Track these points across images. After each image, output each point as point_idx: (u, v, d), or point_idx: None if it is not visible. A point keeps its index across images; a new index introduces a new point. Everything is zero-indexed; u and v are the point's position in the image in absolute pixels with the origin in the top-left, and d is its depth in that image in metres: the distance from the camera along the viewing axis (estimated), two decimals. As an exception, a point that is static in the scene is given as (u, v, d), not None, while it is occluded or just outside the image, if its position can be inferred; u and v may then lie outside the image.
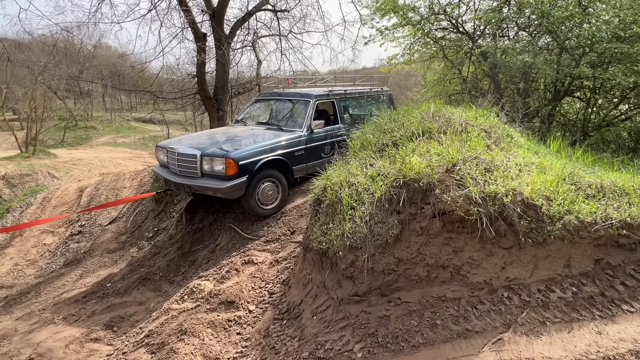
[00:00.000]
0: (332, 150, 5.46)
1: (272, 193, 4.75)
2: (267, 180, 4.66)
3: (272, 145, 4.75)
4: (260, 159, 4.50)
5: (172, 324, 3.01)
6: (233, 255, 4.07)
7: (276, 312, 2.98)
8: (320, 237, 2.77)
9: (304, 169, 5.18)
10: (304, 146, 5.10)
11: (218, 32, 6.88)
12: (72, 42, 14.80)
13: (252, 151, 4.51)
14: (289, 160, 4.85)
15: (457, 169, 2.45)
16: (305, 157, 5.14)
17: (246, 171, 4.36)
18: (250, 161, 4.40)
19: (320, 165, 5.17)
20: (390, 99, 6.85)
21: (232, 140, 4.79)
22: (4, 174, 11.70)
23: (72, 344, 3.27)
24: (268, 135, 5.01)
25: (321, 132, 5.38)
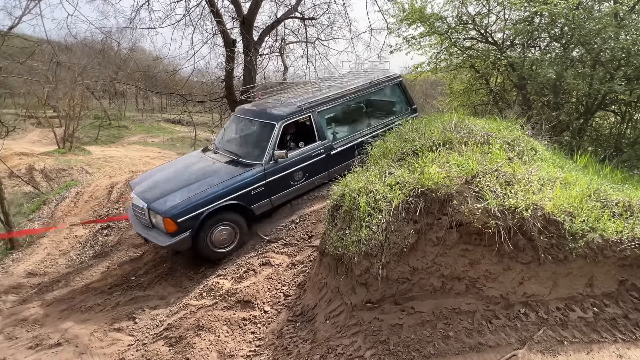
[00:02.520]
0: (307, 175, 4.92)
1: (228, 236, 4.43)
2: (221, 224, 4.35)
3: (222, 191, 4.32)
4: (205, 210, 4.16)
5: (190, 319, 3.12)
6: (251, 256, 4.16)
7: (290, 314, 3.03)
8: (336, 242, 2.80)
9: (267, 204, 4.73)
10: (263, 182, 4.57)
11: (247, 39, 7.09)
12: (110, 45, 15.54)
13: (195, 203, 4.16)
14: (243, 202, 4.45)
15: (476, 181, 2.43)
16: (266, 192, 4.65)
17: (188, 226, 4.10)
18: (192, 215, 4.11)
19: (291, 194, 4.97)
20: (401, 88, 5.90)
21: (182, 187, 4.43)
22: (42, 167, 12.39)
23: (96, 332, 3.43)
24: (223, 174, 4.55)
25: (290, 158, 4.76)
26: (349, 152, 5.17)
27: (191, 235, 4.13)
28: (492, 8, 7.66)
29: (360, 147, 5.13)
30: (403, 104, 5.94)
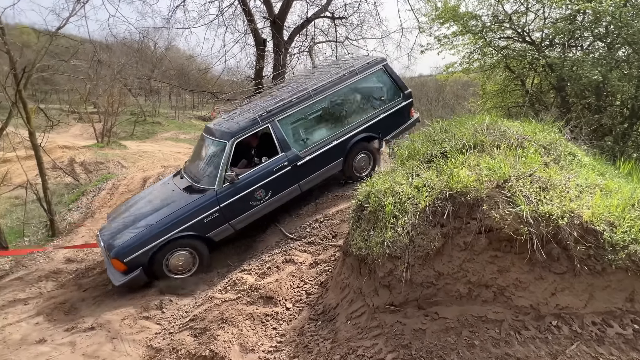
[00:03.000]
0: (270, 193, 4.61)
1: (185, 263, 4.26)
2: (178, 250, 4.20)
3: (172, 222, 4.14)
4: (154, 246, 4.04)
5: (215, 312, 3.20)
6: (275, 253, 4.21)
7: (312, 312, 3.04)
8: (360, 243, 2.78)
9: (227, 230, 4.49)
10: (217, 208, 4.31)
11: (277, 38, 7.18)
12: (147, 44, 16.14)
13: (143, 239, 4.03)
14: (196, 231, 4.23)
15: (508, 186, 2.34)
16: (223, 218, 4.38)
17: (137, 264, 4.00)
18: (140, 253, 4.00)
19: (255, 215, 4.62)
20: (387, 73, 5.34)
21: (138, 220, 4.33)
22: (82, 160, 13.09)
23: (127, 319, 3.58)
24: (176, 203, 4.37)
25: (249, 176, 4.50)
26: (326, 157, 4.93)
27: (143, 272, 4.05)
28: (530, 6, 7.36)
29: (341, 148, 5.03)
30: (392, 91, 5.46)
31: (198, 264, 4.34)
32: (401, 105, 5.46)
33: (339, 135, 5.05)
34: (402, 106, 5.47)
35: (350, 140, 5.10)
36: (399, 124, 5.55)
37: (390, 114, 5.38)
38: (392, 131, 5.50)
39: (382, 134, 5.39)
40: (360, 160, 5.31)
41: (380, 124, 5.30)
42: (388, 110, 5.37)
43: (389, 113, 5.36)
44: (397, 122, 5.51)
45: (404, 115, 5.54)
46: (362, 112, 5.33)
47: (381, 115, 5.31)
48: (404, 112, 5.54)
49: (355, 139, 5.13)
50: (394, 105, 5.43)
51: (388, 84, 5.47)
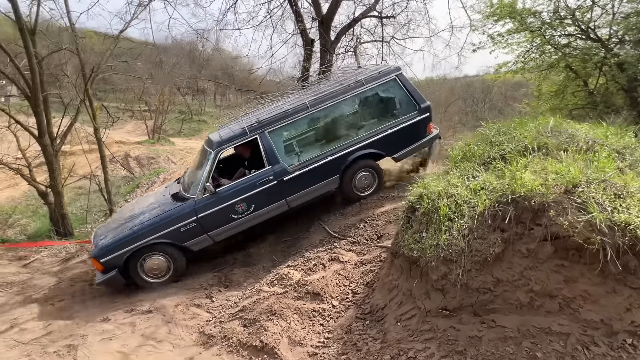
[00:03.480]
0: (253, 207, 4.47)
1: (160, 267, 4.30)
2: (155, 254, 4.27)
3: (148, 229, 4.21)
4: (128, 250, 4.13)
5: (263, 304, 3.29)
6: (320, 250, 4.25)
7: (359, 311, 3.04)
8: (412, 244, 2.74)
9: (205, 240, 4.45)
10: (194, 218, 4.28)
11: (325, 38, 7.23)
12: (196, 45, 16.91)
13: (119, 242, 4.15)
14: (172, 239, 4.25)
15: (578, 191, 2.20)
16: (200, 228, 4.34)
17: (113, 265, 4.13)
18: (116, 255, 4.12)
19: (237, 228, 4.52)
20: (400, 84, 4.85)
21: (123, 224, 4.46)
22: (137, 155, 14.00)
23: (179, 306, 3.78)
24: (159, 209, 4.44)
25: (231, 188, 4.43)
26: (318, 174, 4.66)
27: (119, 273, 4.17)
28: (597, 0, 6.83)
29: (337, 164, 4.69)
30: (405, 104, 4.92)
31: (172, 270, 4.37)
32: (415, 120, 4.87)
33: (336, 150, 4.70)
34: (417, 121, 4.88)
35: (349, 157, 4.71)
36: (411, 141, 4.95)
37: (401, 129, 4.83)
38: (402, 148, 4.93)
39: (390, 151, 4.89)
40: (362, 178, 4.89)
41: (387, 140, 4.80)
42: (398, 125, 4.83)
43: (400, 128, 4.82)
44: (410, 139, 4.93)
45: (418, 131, 4.94)
46: (366, 126, 4.91)
47: (389, 130, 4.80)
48: (419, 128, 4.93)
49: (355, 155, 4.72)
50: (407, 120, 4.86)
51: (401, 96, 4.92)
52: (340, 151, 4.71)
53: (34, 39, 6.69)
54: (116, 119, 10.28)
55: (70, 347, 3.12)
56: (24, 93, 6.94)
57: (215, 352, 2.87)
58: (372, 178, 4.99)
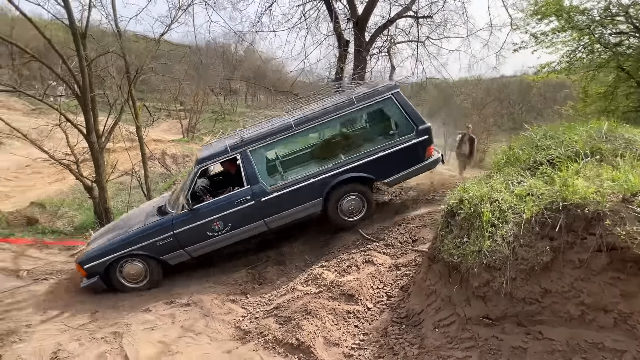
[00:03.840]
0: (230, 226, 4.44)
1: (138, 271, 4.45)
2: (134, 260, 4.42)
3: (127, 240, 4.38)
4: (109, 259, 4.32)
5: (298, 303, 3.33)
6: (353, 252, 4.25)
7: (394, 315, 3.01)
8: (452, 249, 2.68)
9: (182, 255, 4.50)
10: (170, 233, 4.36)
11: (359, 39, 7.21)
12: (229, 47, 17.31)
13: (101, 251, 4.36)
14: (149, 252, 4.38)
15: (638, 200, 2.07)
16: (177, 243, 4.40)
17: (95, 272, 4.32)
18: (97, 263, 4.32)
19: (214, 245, 4.53)
20: (397, 104, 4.54)
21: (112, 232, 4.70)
22: (173, 153, 14.54)
23: (216, 300, 3.89)
24: (141, 221, 4.59)
25: (208, 206, 4.43)
26: (299, 196, 4.50)
27: (101, 279, 4.36)
28: (653, -4, 6.39)
29: (320, 187, 4.50)
30: (402, 125, 4.64)
31: (149, 278, 4.50)
32: (412, 142, 4.53)
33: (319, 172, 4.52)
34: (413, 144, 4.54)
35: (334, 179, 4.49)
36: (407, 165, 4.62)
37: (395, 152, 4.52)
38: (396, 172, 4.61)
39: (380, 175, 4.60)
40: (349, 203, 4.65)
41: (378, 163, 4.51)
42: (392, 148, 4.52)
43: (394, 151, 4.51)
44: (405, 163, 4.61)
45: (415, 154, 4.60)
46: (355, 148, 4.70)
47: (381, 152, 4.51)
48: (416, 151, 4.58)
49: (340, 178, 4.48)
50: (402, 142, 4.54)
51: (397, 116, 4.63)
52: (323, 173, 4.51)
53: (84, 42, 7.12)
54: (156, 118, 10.73)
55: (116, 334, 3.29)
56: (74, 93, 7.40)
57: (252, 348, 2.94)
58: (360, 203, 4.71)
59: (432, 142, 4.65)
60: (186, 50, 9.48)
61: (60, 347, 3.10)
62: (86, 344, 3.18)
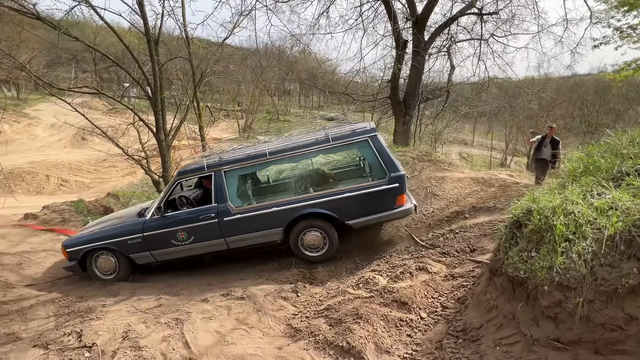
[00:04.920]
0: (193, 238, 4.66)
1: (109, 264, 4.87)
2: (108, 254, 4.83)
3: (104, 234, 4.84)
4: (83, 248, 4.77)
5: (348, 306, 3.31)
6: (406, 258, 4.14)
7: (450, 327, 2.88)
8: (517, 263, 2.50)
9: (148, 257, 4.82)
10: (140, 235, 4.71)
11: (418, 39, 7.00)
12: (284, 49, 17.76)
13: (83, 239, 4.87)
14: (119, 248, 4.77)
15: None
16: (144, 245, 4.74)
17: (74, 256, 4.81)
18: (76, 249, 4.81)
19: (178, 253, 4.77)
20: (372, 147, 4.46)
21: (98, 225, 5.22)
22: (230, 151, 15.26)
23: (268, 296, 4.00)
24: (123, 219, 5.04)
25: (176, 216, 4.68)
26: (260, 222, 4.57)
27: (78, 264, 4.82)
28: None
29: (281, 217, 4.53)
30: (374, 170, 4.57)
31: (117, 272, 4.88)
32: (381, 188, 4.41)
33: (285, 202, 4.57)
34: (383, 190, 4.42)
35: (296, 212, 4.51)
36: (374, 210, 4.50)
37: (363, 195, 4.44)
38: (361, 216, 4.51)
39: (345, 216, 4.52)
40: (311, 237, 4.63)
41: (344, 203, 4.46)
42: (361, 190, 4.45)
43: (362, 193, 4.43)
44: (372, 208, 4.49)
45: (384, 201, 4.46)
46: (325, 184, 4.80)
47: (348, 193, 4.45)
48: (385, 198, 4.45)
49: (303, 211, 4.50)
50: (372, 187, 4.45)
51: (371, 159, 4.56)
52: (287, 204, 4.55)
53: (157, 48, 7.72)
54: (217, 118, 11.34)
55: (178, 320, 3.52)
56: (147, 94, 8.06)
57: (303, 346, 2.97)
58: (322, 240, 4.64)
59: (403, 191, 4.48)
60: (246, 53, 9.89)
61: (129, 328, 3.38)
62: (151, 327, 3.43)
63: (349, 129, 4.64)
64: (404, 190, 4.47)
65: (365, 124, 4.86)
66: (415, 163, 6.69)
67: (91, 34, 9.46)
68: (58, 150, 20.13)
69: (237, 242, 4.73)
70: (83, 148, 20.80)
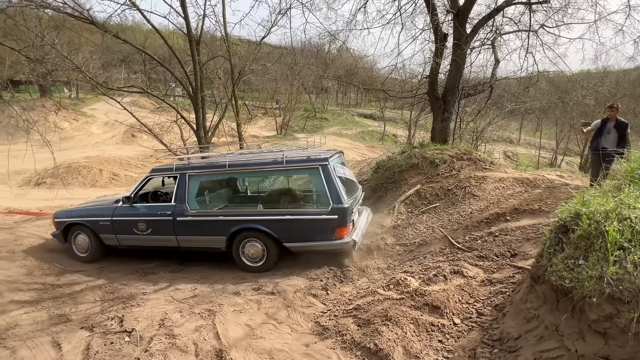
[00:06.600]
0: (150, 230, 5.05)
1: (84, 244, 5.45)
2: (79, 233, 5.43)
3: (82, 212, 5.48)
4: (65, 221, 5.43)
5: (378, 307, 3.24)
6: (440, 260, 3.98)
7: (485, 335, 2.72)
8: (562, 271, 2.31)
9: (113, 239, 5.29)
10: (109, 218, 5.22)
11: (459, 32, 6.69)
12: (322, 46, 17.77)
13: (68, 213, 5.60)
14: (91, 226, 5.31)
15: None
16: (111, 228, 5.22)
17: (59, 227, 5.47)
18: (61, 220, 5.49)
19: (137, 242, 5.21)
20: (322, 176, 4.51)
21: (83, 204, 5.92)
22: (268, 148, 15.56)
23: (298, 292, 4.02)
24: (103, 203, 5.62)
25: (140, 208, 5.12)
26: (207, 227, 4.87)
27: (61, 234, 5.48)
28: None
29: (225, 226, 4.77)
30: (320, 198, 4.61)
31: (90, 250, 5.45)
32: (321, 217, 4.47)
33: (231, 213, 4.99)
34: (322, 219, 4.46)
35: (238, 224, 4.74)
36: (311, 238, 4.56)
37: (304, 221, 4.56)
38: (298, 240, 4.63)
39: (284, 237, 4.65)
40: (251, 247, 4.81)
41: (284, 224, 4.61)
42: (302, 215, 4.59)
43: (302, 218, 4.56)
44: (310, 235, 4.56)
45: (322, 231, 4.49)
46: (272, 203, 5.14)
47: (289, 215, 4.62)
48: (324, 228, 4.48)
49: (244, 225, 4.72)
50: (313, 214, 4.54)
51: (319, 188, 4.61)
52: (233, 215, 4.92)
53: (198, 48, 8.02)
54: (254, 116, 11.59)
55: (210, 312, 3.63)
56: (189, 93, 8.40)
57: (330, 345, 2.95)
58: (261, 252, 4.81)
59: (344, 224, 4.48)
60: (283, 51, 10.00)
61: (166, 316, 3.53)
62: (186, 317, 3.57)
63: (305, 155, 4.83)
64: (345, 224, 4.49)
65: (325, 152, 5.04)
66: (454, 162, 6.41)
67: (141, 37, 9.99)
68: (111, 146, 21.60)
69: (186, 242, 5.06)
70: (132, 144, 22.15)
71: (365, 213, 5.50)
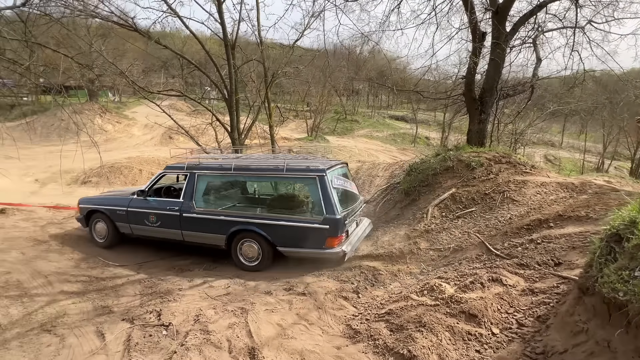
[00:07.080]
0: (160, 223, 5.38)
1: (102, 231, 5.91)
2: (99, 221, 5.91)
3: (104, 202, 5.90)
4: (88, 207, 5.94)
5: (411, 313, 3.16)
6: (477, 267, 3.83)
7: (527, 348, 2.58)
8: (615, 283, 2.14)
9: (127, 228, 5.69)
10: (125, 208, 5.63)
11: (499, 30, 6.44)
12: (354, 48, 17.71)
13: (91, 200, 6.09)
14: (109, 215, 5.74)
15: None
16: (126, 218, 5.63)
17: (82, 212, 6.00)
18: (83, 207, 6.02)
19: (147, 232, 5.59)
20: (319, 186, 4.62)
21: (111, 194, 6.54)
22: (297, 150, 15.71)
23: (329, 294, 4.01)
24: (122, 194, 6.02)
25: (153, 201, 5.48)
26: (208, 225, 5.13)
27: (84, 219, 5.98)
28: None
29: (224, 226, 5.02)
30: (315, 207, 4.77)
31: (107, 237, 5.87)
32: (314, 225, 4.64)
33: (232, 214, 5.12)
34: (314, 228, 4.63)
35: (236, 225, 4.99)
36: (303, 245, 4.74)
37: (297, 228, 4.75)
38: (292, 246, 4.84)
39: (278, 241, 4.88)
40: (248, 248, 5.05)
41: (278, 229, 4.82)
42: (296, 222, 4.78)
43: (296, 225, 4.76)
44: (302, 242, 4.74)
45: (314, 239, 4.65)
46: (270, 208, 5.30)
47: (284, 221, 4.81)
48: (315, 236, 4.64)
49: (241, 227, 4.97)
50: (307, 222, 4.73)
51: (315, 198, 4.76)
52: (233, 216, 5.09)
53: (233, 52, 8.24)
54: (286, 118, 11.74)
55: (243, 310, 3.69)
56: (224, 96, 8.64)
57: (361, 349, 2.91)
58: (257, 251, 5.01)
59: (335, 235, 4.61)
60: (316, 54, 10.07)
61: (201, 312, 3.64)
62: (220, 313, 3.65)
63: (305, 164, 4.96)
64: (336, 234, 4.61)
65: (326, 162, 5.15)
66: (491, 165, 6.15)
67: (179, 44, 10.41)
68: (150, 147, 22.61)
69: (190, 237, 5.35)
70: (170, 146, 23.09)
71: (363, 224, 5.62)
